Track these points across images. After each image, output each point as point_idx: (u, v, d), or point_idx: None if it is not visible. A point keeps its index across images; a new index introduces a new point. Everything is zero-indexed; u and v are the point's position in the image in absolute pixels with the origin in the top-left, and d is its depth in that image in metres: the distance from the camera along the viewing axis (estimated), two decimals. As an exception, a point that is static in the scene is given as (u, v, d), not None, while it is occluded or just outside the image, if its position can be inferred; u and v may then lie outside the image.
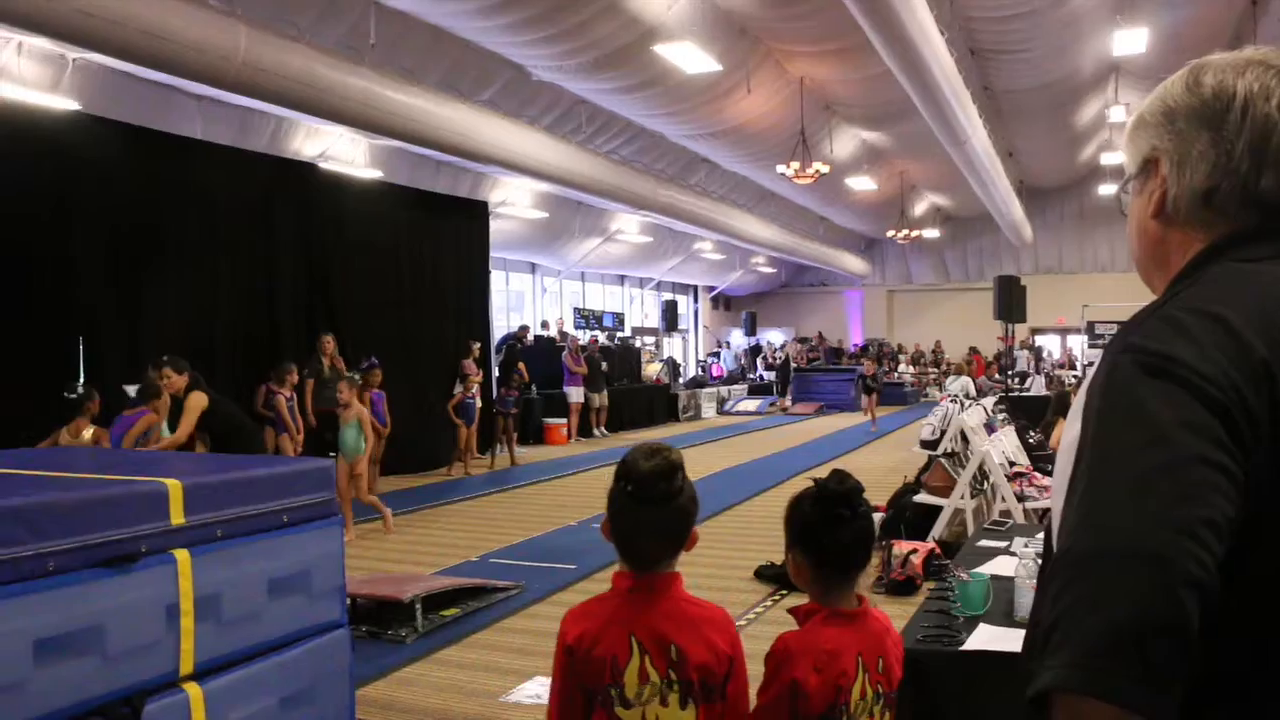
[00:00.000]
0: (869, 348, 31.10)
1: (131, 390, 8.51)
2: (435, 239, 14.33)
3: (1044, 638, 0.98)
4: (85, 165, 9.57)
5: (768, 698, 2.14)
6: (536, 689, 4.99)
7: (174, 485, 3.63)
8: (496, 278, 19.10)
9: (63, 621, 3.17)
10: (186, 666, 3.57)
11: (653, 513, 2.11)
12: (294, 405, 10.41)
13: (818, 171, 16.84)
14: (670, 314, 27.61)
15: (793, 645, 2.17)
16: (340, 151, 12.96)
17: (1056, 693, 0.95)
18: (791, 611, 2.29)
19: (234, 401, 8.57)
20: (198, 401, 7.54)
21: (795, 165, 16.72)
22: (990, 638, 2.93)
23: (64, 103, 9.46)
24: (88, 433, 7.91)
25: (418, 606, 5.98)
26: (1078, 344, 26.11)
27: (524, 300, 23.71)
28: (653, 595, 2.15)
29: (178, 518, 3.61)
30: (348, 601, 5.68)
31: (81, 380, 8.82)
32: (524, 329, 19.74)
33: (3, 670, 2.98)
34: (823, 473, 2.36)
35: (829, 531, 2.20)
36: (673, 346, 29.49)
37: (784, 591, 6.75)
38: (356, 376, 9.58)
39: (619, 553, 2.21)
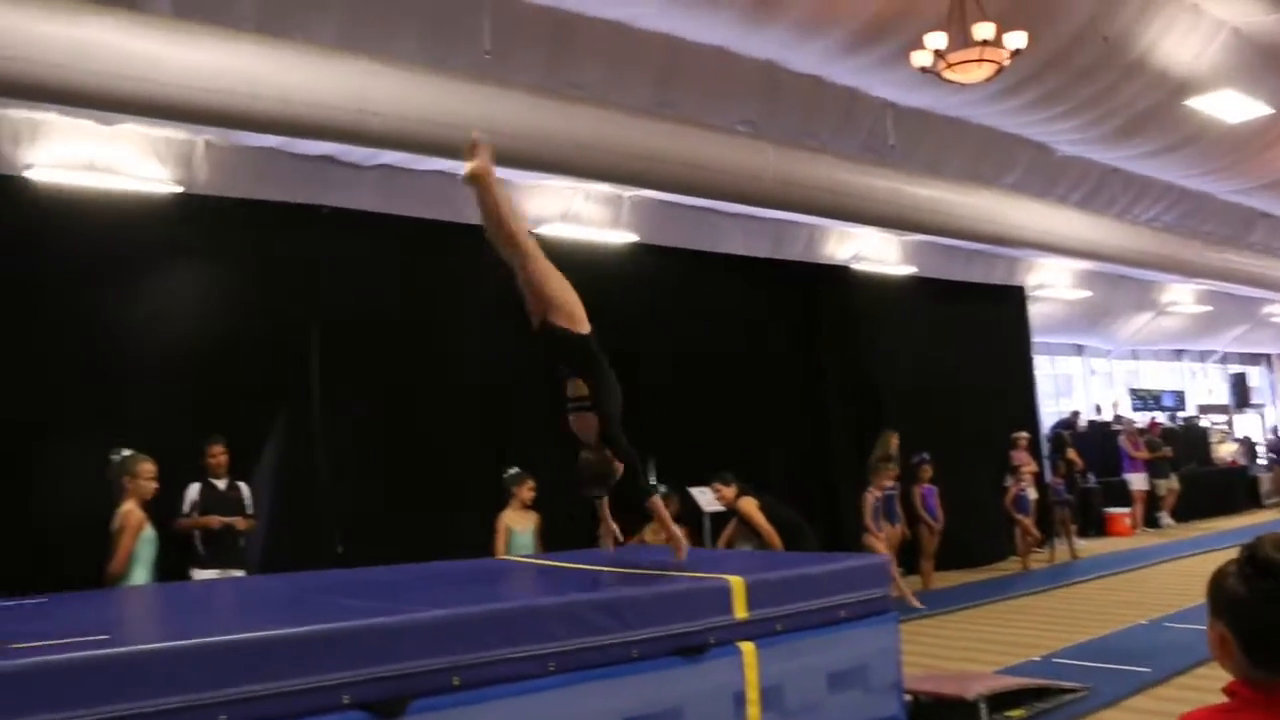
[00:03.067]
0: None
1: (697, 493, 9.22)
2: (973, 328, 14.17)
3: None
4: (646, 289, 10.73)
5: None
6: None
7: (737, 581, 3.87)
8: (1040, 362, 18.38)
9: (645, 704, 3.48)
10: (756, 755, 3.75)
11: None
12: (879, 504, 10.58)
13: None
14: (1240, 388, 24.93)
15: None
16: (871, 251, 13.26)
17: None
18: (1225, 689, 1.98)
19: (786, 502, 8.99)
20: (750, 504, 8.35)
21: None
22: None
23: (623, 236, 10.61)
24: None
25: (982, 705, 5.81)
26: None
27: (1072, 384, 22.55)
28: None
29: (741, 612, 3.84)
30: (907, 698, 5.66)
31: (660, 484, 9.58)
32: (1075, 414, 18.80)
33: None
34: None
35: (1262, 609, 1.87)
36: (1246, 424, 26.48)
37: None
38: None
39: (1252, 658, 1.97)
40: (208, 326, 8.27)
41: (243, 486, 7.71)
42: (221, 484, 7.57)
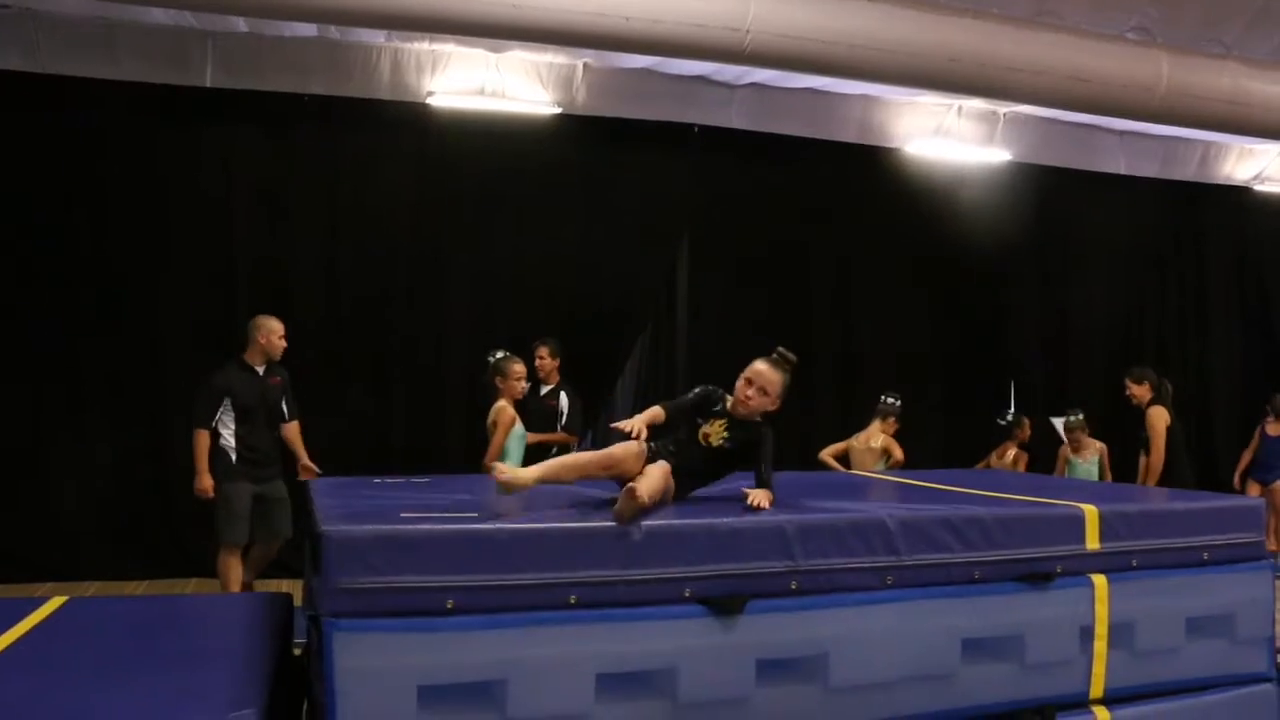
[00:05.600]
0: None
1: (1057, 422, 8.90)
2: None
3: None
4: (1019, 210, 10.43)
5: None
6: None
7: (1090, 511, 3.74)
8: None
9: (985, 628, 3.47)
10: (1097, 689, 3.65)
11: None
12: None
13: None
14: None
15: None
16: (1277, 171, 11.97)
17: None
18: None
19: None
20: (1161, 416, 7.83)
21: None
22: None
23: (997, 154, 10.18)
24: (1010, 454, 8.45)
25: (1376, 677, 5.27)
26: None
27: None
28: None
29: (1093, 543, 3.72)
30: None
31: (1012, 409, 9.40)
32: None
33: (937, 661, 3.36)
34: None
35: None
36: None
37: None
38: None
39: None
40: (584, 239, 8.82)
41: (563, 396, 7.62)
42: (542, 390, 7.52)
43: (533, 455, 6.34)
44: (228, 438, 6.44)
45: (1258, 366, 11.46)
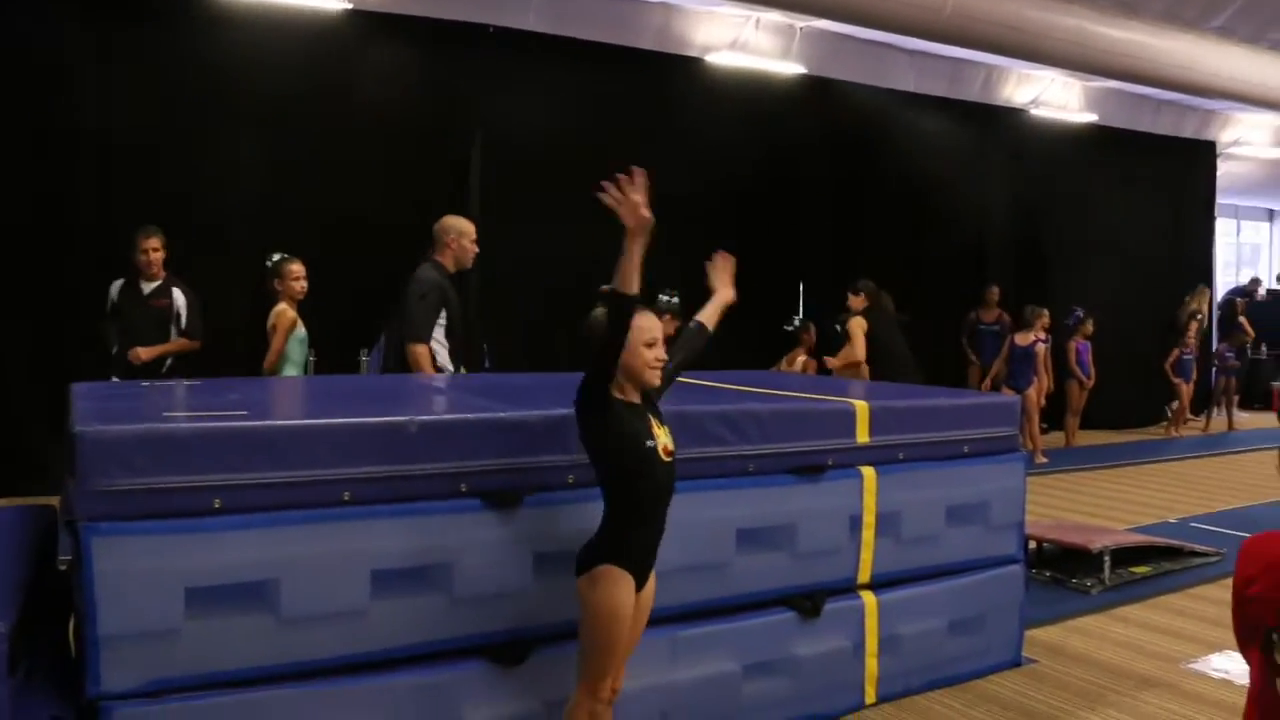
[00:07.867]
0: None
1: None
2: (1153, 184, 13.58)
3: None
4: (813, 123, 10.70)
5: None
6: (1225, 663, 4.57)
7: (861, 406, 3.90)
8: (1225, 226, 17.38)
9: (759, 518, 3.59)
10: (864, 575, 3.85)
11: None
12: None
13: None
14: None
15: None
16: (1053, 97, 12.60)
17: None
18: None
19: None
20: (857, 325, 7.99)
21: None
22: None
23: (792, 68, 10.35)
24: (800, 360, 8.74)
25: (1106, 558, 5.76)
26: None
27: (1259, 253, 21.22)
28: None
29: (863, 436, 3.88)
30: (1031, 544, 5.67)
31: (800, 316, 9.68)
32: (1255, 282, 17.80)
33: (713, 551, 3.46)
34: None
35: None
36: None
37: None
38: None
39: None
40: (372, 139, 8.49)
41: (176, 294, 6.56)
42: (149, 286, 6.48)
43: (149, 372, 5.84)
44: (443, 358, 5.16)
45: (1027, 279, 12.17)
